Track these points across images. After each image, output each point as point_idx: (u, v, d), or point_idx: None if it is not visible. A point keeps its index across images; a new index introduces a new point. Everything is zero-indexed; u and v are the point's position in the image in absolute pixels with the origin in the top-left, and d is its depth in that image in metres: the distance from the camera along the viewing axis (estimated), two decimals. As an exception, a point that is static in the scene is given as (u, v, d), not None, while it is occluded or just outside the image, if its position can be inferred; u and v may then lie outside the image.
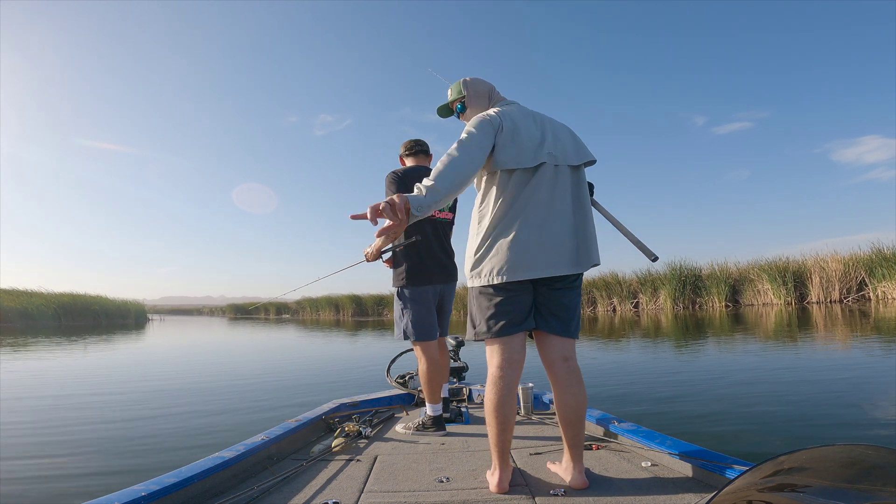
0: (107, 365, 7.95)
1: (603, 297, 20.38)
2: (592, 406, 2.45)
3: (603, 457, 1.89)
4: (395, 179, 2.44)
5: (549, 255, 1.57)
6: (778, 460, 0.93)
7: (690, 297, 18.30)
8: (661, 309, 18.57)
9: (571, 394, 1.58)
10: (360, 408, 2.82)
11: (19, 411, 4.26)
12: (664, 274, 18.91)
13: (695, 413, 3.45)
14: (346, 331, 15.62)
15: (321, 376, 6.10)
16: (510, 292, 1.58)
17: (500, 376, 1.56)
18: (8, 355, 9.37)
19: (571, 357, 1.62)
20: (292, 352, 9.94)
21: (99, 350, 10.56)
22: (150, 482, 1.42)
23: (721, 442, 2.80)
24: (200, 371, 7.08)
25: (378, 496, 1.55)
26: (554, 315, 1.60)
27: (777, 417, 3.26)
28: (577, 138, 1.75)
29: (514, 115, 1.68)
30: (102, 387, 5.59)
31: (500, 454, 1.57)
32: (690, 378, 4.74)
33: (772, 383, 4.31)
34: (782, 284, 16.40)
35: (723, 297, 17.55)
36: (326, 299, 31.86)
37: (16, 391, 5.26)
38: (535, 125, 1.69)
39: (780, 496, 1.02)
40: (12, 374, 6.66)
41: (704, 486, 1.55)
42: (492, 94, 1.83)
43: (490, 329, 1.59)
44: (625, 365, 5.85)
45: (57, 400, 4.75)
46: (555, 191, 1.62)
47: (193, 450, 2.89)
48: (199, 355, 9.79)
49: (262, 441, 1.94)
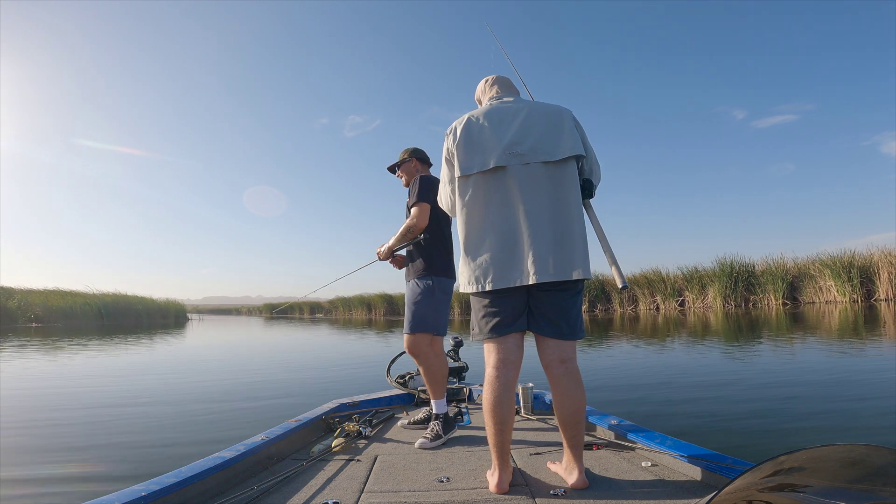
0: (133, 363, 8.43)
1: (645, 294, 19.85)
2: (594, 406, 2.47)
3: (603, 457, 1.92)
4: (427, 185, 2.50)
5: (516, 264, 1.57)
6: (778, 460, 0.94)
7: (743, 294, 17.57)
8: (709, 307, 17.91)
9: (569, 396, 1.60)
10: (360, 408, 2.88)
11: (20, 409, 4.45)
12: (712, 270, 18.24)
13: (731, 415, 3.37)
14: (378, 330, 15.88)
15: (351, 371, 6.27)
16: (499, 295, 1.61)
17: (496, 376, 1.61)
18: (34, 355, 10.04)
19: (569, 359, 1.63)
20: (328, 349, 10.22)
21: (128, 350, 11.18)
22: (150, 482, 1.45)
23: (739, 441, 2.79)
24: (229, 370, 7.39)
25: (378, 496, 1.59)
26: (546, 318, 1.62)
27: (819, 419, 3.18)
28: (564, 130, 1.66)
29: (480, 117, 1.71)
30: (133, 386, 5.92)
31: (500, 454, 1.60)
32: (742, 380, 4.60)
33: (824, 385, 4.13)
34: (847, 281, 15.51)
35: (780, 295, 16.76)
36: (359, 299, 32.49)
37: (20, 391, 5.43)
38: (508, 123, 1.66)
39: (780, 496, 1.02)
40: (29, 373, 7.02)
41: (704, 485, 1.56)
42: (483, 97, 1.88)
43: (482, 330, 1.65)
44: (664, 367, 5.72)
45: (69, 400, 4.92)
46: (525, 192, 1.60)
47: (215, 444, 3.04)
48: (235, 354, 10.22)
49: (262, 441, 1.98)
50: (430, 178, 2.57)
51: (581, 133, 1.72)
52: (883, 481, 0.88)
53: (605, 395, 4.15)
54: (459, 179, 1.67)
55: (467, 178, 1.66)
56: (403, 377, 3.32)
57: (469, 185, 1.66)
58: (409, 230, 2.47)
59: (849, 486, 0.92)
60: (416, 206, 2.45)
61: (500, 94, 1.82)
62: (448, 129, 1.74)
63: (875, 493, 0.89)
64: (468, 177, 1.66)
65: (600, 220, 1.68)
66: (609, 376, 5.18)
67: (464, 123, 1.71)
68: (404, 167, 2.77)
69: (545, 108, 1.71)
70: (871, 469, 0.89)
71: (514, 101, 1.75)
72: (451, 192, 1.74)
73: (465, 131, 1.68)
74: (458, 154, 1.67)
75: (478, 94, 1.93)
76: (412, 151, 2.79)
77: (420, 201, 2.45)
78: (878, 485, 0.89)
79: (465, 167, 1.65)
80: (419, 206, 2.45)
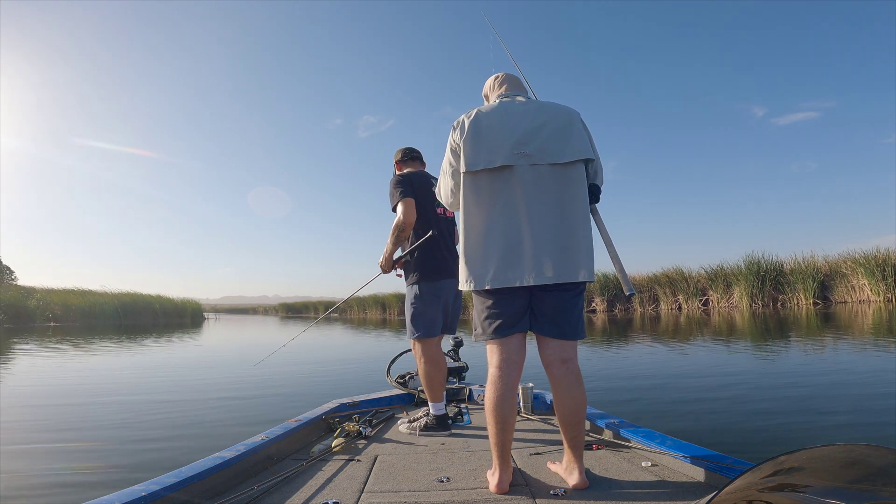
0: (148, 364, 8.63)
1: (666, 294, 19.56)
2: (596, 407, 2.48)
3: (603, 457, 1.93)
4: (402, 181, 2.56)
5: (517, 265, 1.58)
6: (778, 460, 0.94)
7: (771, 293, 17.20)
8: (735, 307, 17.58)
9: (570, 395, 1.62)
10: (360, 408, 2.91)
11: (21, 408, 4.53)
12: (738, 268, 17.88)
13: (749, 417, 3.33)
14: (393, 330, 15.98)
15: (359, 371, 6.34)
16: (501, 295, 1.63)
17: (498, 376, 1.63)
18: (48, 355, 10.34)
19: (570, 359, 1.64)
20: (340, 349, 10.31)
21: (143, 349, 11.46)
22: (150, 482, 1.47)
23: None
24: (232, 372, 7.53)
25: (378, 496, 1.61)
26: (548, 318, 1.63)
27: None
28: (573, 132, 1.66)
29: (489, 113, 1.71)
30: (137, 386, 6.06)
31: (501, 454, 1.62)
32: (754, 380, 4.54)
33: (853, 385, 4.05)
34: (881, 279, 15.06)
35: (810, 294, 16.36)
36: (373, 298, 32.78)
37: (23, 391, 5.55)
38: (517, 122, 1.67)
39: (780, 496, 1.02)
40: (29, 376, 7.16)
41: (705, 485, 1.57)
42: (491, 93, 1.89)
43: (485, 331, 1.67)
44: (675, 367, 5.65)
45: (73, 399, 5.02)
46: (531, 194, 1.61)
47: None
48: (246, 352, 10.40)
49: (262, 441, 2.00)
50: (405, 175, 2.61)
51: (589, 136, 1.72)
52: (883, 481, 0.88)
53: (609, 395, 4.15)
54: (465, 175, 1.67)
55: (474, 175, 1.66)
56: (403, 377, 3.36)
57: (475, 182, 1.66)
58: (399, 229, 2.50)
59: (849, 486, 0.93)
60: (399, 203, 2.49)
61: (510, 92, 1.83)
62: (455, 122, 1.74)
63: (875, 493, 0.89)
64: (475, 174, 1.66)
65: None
66: (618, 377, 5.16)
67: (472, 118, 1.70)
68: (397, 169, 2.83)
69: (554, 109, 1.71)
70: (871, 469, 0.89)
71: (523, 100, 1.76)
72: (452, 186, 1.75)
73: (473, 126, 1.68)
74: (464, 148, 1.67)
75: (485, 90, 1.93)
76: (395, 155, 2.85)
77: (402, 198, 2.49)
78: (878, 485, 0.89)
79: (470, 162, 1.66)
80: (402, 202, 2.48)
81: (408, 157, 2.80)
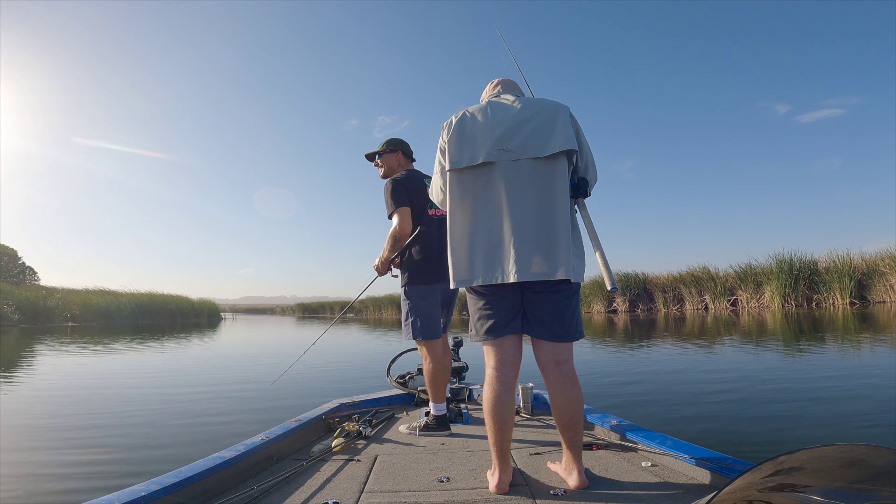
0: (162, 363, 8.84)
1: (692, 293, 19.25)
2: (599, 407, 2.49)
3: (603, 457, 1.94)
4: (397, 188, 2.54)
5: (499, 262, 1.60)
6: (778, 460, 0.94)
7: (805, 293, 16.78)
8: (766, 307, 17.20)
9: (564, 397, 1.63)
10: (360, 408, 2.94)
11: (22, 409, 4.59)
12: (769, 267, 17.49)
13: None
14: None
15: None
16: (492, 295, 1.66)
17: (495, 377, 1.65)
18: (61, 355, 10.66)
19: (564, 361, 1.65)
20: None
21: (157, 349, 11.73)
22: (150, 482, 1.49)
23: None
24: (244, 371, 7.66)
25: (378, 496, 1.63)
26: (539, 319, 1.65)
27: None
28: (557, 125, 1.65)
29: (475, 112, 1.74)
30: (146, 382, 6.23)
31: (500, 454, 1.64)
32: (770, 380, 4.44)
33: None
34: (923, 278, 14.58)
35: (847, 294, 15.92)
36: (389, 298, 33.01)
37: (29, 391, 5.66)
38: (501, 119, 1.69)
39: (780, 496, 1.02)
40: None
41: (704, 486, 1.58)
42: (485, 96, 1.91)
43: (478, 332, 1.70)
44: (687, 368, 5.57)
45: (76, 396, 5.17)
46: (512, 190, 1.62)
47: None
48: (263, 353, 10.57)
49: (262, 441, 2.03)
50: (400, 180, 2.57)
51: (576, 129, 1.71)
52: (883, 481, 0.88)
53: (616, 396, 4.14)
54: (450, 173, 1.73)
55: (458, 172, 1.71)
56: (403, 377, 3.40)
57: (459, 180, 1.71)
58: (395, 239, 2.50)
59: (849, 486, 0.92)
60: (395, 213, 2.49)
61: (499, 92, 1.86)
62: (444, 123, 1.80)
63: (875, 493, 0.89)
64: (459, 171, 1.71)
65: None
66: (622, 378, 5.14)
67: (459, 117, 1.76)
68: (385, 158, 2.76)
69: (540, 104, 1.71)
70: (871, 469, 0.89)
71: (511, 98, 1.78)
72: (441, 185, 1.80)
73: (459, 125, 1.73)
74: (448, 147, 1.73)
75: (483, 95, 1.97)
76: (398, 143, 2.78)
77: (398, 207, 2.49)
78: (878, 485, 0.88)
79: (454, 161, 1.71)
80: (398, 213, 2.49)
81: (407, 154, 2.79)
